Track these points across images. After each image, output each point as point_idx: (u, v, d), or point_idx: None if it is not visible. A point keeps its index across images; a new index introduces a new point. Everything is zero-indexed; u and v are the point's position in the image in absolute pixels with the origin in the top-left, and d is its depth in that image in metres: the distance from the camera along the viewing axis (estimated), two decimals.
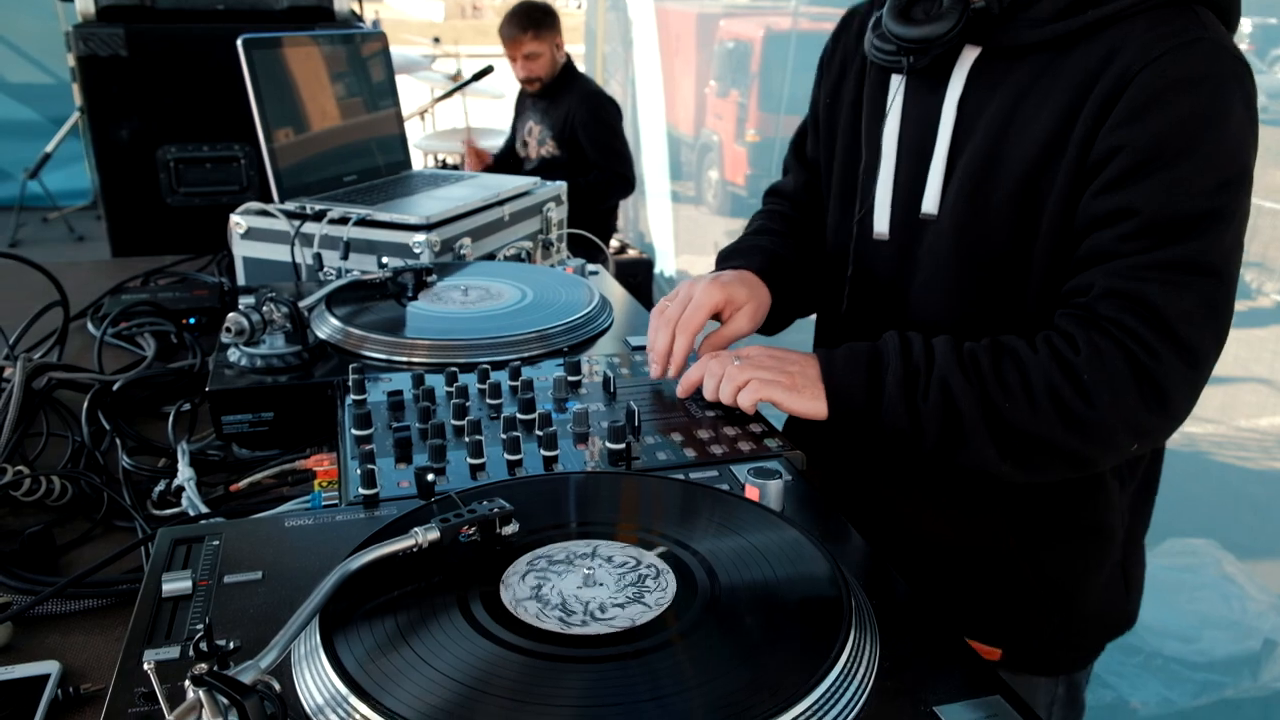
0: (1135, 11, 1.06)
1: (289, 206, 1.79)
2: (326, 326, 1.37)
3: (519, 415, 1.11)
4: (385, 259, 1.60)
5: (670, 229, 5.96)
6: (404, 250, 1.68)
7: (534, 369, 1.26)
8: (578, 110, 4.22)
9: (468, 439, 1.03)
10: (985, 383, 1.06)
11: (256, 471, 1.19)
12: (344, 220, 1.73)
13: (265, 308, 1.28)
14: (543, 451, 1.03)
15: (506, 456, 1.02)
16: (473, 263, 1.75)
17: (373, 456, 1.01)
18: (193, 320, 1.76)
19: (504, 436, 1.03)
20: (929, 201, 1.19)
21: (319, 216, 1.74)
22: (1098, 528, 1.25)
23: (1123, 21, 1.07)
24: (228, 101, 2.13)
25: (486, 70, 4.82)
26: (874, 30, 1.20)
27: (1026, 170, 1.10)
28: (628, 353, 1.35)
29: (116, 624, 0.98)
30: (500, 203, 1.92)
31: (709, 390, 1.15)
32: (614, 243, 4.88)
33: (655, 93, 6.00)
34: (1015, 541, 1.24)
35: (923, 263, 1.22)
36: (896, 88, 1.23)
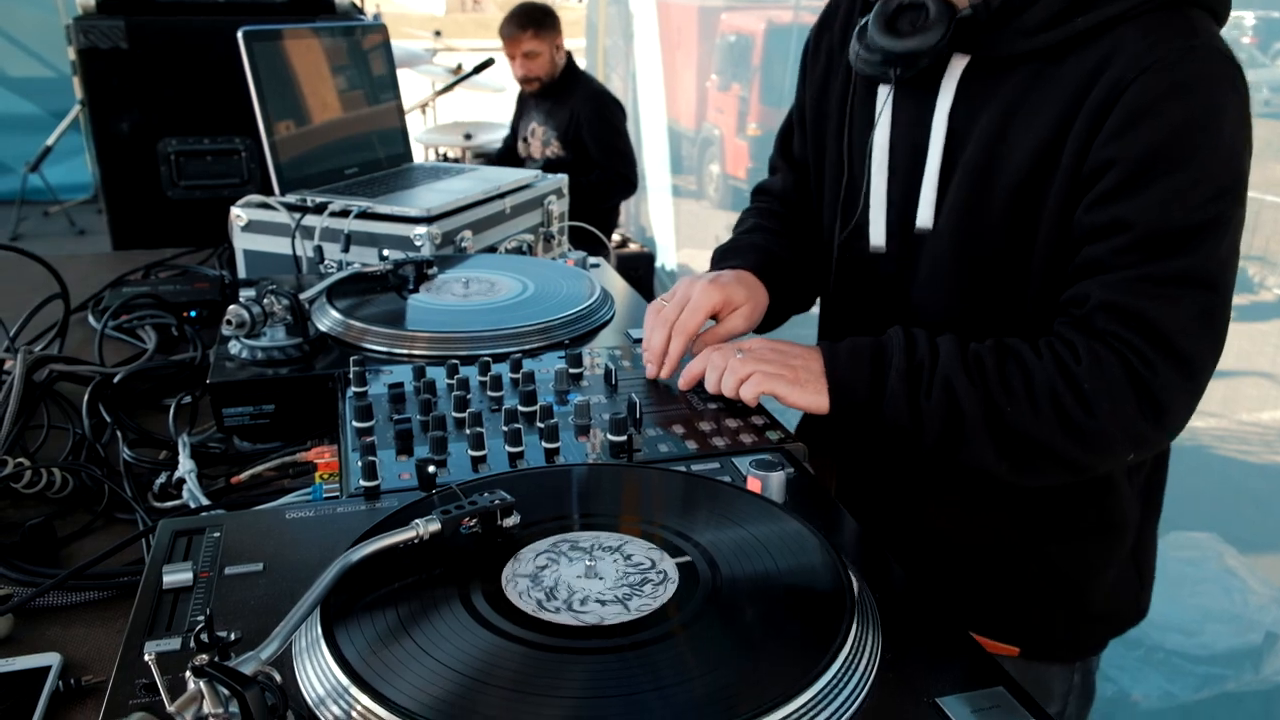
0: (1126, 18, 1.04)
1: (290, 199, 1.79)
2: (327, 319, 1.37)
3: (520, 407, 1.11)
4: (386, 251, 1.60)
5: (671, 223, 5.95)
6: (405, 243, 1.68)
7: (535, 361, 1.26)
8: (583, 110, 4.21)
9: (469, 431, 1.03)
10: (989, 384, 1.05)
11: (257, 464, 1.20)
12: (345, 213, 1.72)
13: (266, 300, 1.27)
14: (544, 444, 1.03)
15: (508, 449, 1.02)
16: (474, 255, 1.75)
17: (374, 449, 1.01)
18: (194, 313, 1.76)
19: (505, 429, 1.03)
20: (924, 215, 1.18)
21: (320, 209, 1.74)
22: (1110, 524, 1.24)
23: (1114, 29, 1.05)
24: (228, 94, 2.12)
25: (487, 63, 4.81)
26: (859, 40, 1.18)
27: (1021, 181, 1.09)
28: (629, 345, 1.35)
29: (117, 616, 0.98)
30: (501, 195, 1.92)
31: (711, 383, 1.14)
32: (615, 236, 4.88)
33: (656, 86, 5.99)
34: (1019, 537, 1.24)
35: (922, 271, 1.21)
36: (885, 98, 1.21)
